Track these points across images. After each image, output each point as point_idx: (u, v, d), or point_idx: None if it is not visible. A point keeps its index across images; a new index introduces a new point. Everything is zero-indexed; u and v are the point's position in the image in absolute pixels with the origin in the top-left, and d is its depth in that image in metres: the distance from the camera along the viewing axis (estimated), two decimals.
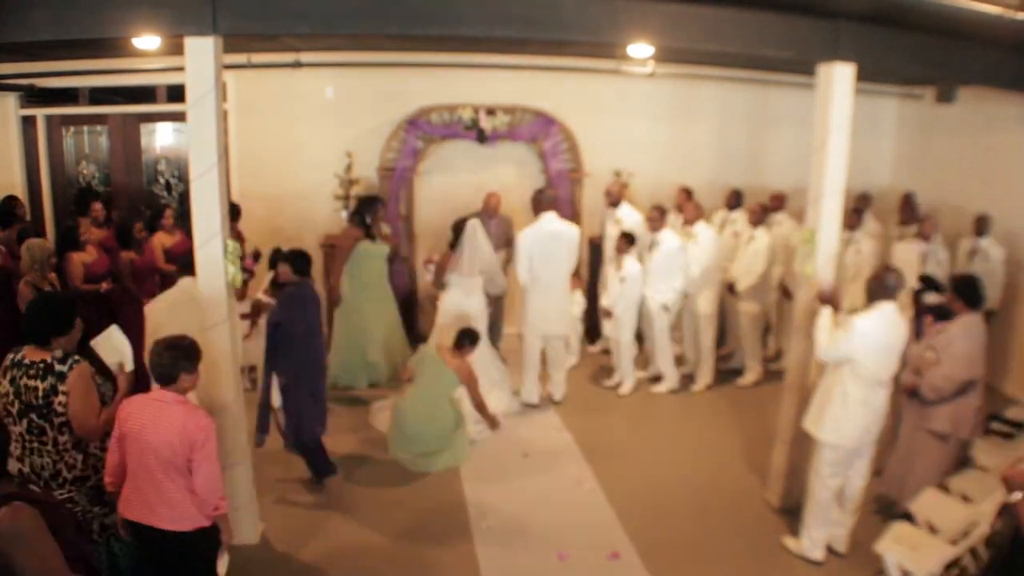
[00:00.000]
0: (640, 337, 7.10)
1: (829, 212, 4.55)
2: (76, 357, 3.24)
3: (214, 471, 3.12)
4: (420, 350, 5.87)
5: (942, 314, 4.79)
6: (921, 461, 4.56)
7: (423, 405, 5.48)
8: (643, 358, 7.27)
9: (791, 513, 4.79)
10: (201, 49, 3.76)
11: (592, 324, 7.85)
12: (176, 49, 4.00)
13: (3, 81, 7.16)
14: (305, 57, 7.40)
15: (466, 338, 5.64)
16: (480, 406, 5.65)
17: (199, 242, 3.91)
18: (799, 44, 4.36)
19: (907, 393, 4.60)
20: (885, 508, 4.78)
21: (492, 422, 5.73)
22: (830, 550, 4.43)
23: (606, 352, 7.64)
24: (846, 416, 4.11)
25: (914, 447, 4.62)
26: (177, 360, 3.11)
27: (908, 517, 4.23)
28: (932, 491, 4.31)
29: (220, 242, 3.90)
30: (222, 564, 3.53)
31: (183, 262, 4.75)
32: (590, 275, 7.93)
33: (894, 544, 3.89)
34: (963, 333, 4.40)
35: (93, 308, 5.42)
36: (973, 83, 5.16)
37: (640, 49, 6.15)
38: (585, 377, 7.26)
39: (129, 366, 3.44)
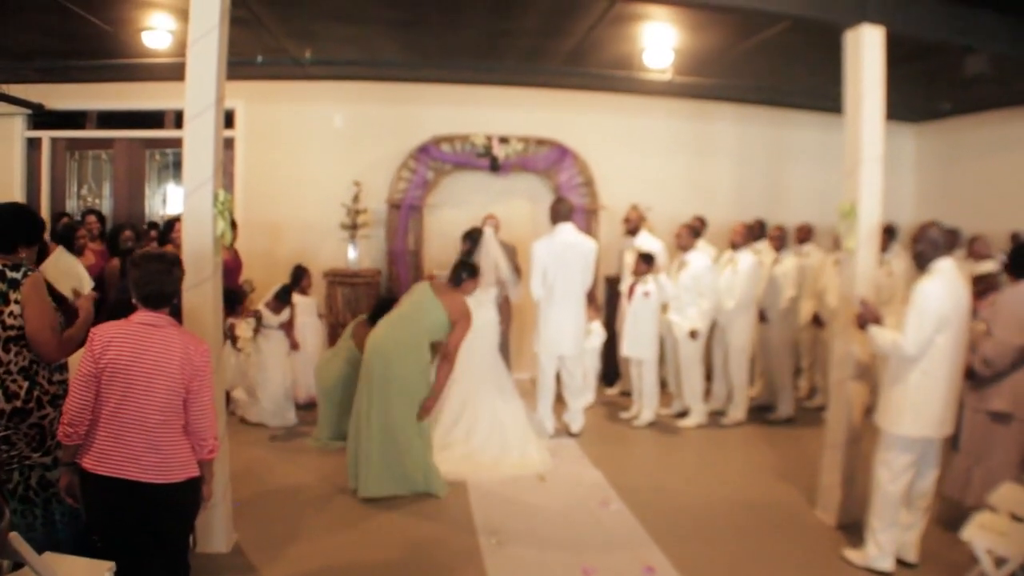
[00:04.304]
0: (663, 381, 6.63)
1: (869, 179, 4.21)
2: (31, 267, 2.86)
3: (212, 400, 2.68)
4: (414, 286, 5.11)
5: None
6: (986, 451, 4.00)
7: (400, 330, 4.66)
8: (667, 397, 6.74)
9: (846, 529, 4.26)
10: None
11: (609, 365, 7.36)
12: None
13: (11, 95, 7.09)
14: (315, 86, 7.37)
15: (464, 270, 4.87)
16: (450, 355, 4.66)
17: (187, 190, 3.60)
18: (824, 2, 4.19)
19: (963, 375, 4.06)
20: (949, 521, 4.14)
21: (438, 388, 4.68)
22: (899, 561, 3.80)
23: (624, 395, 7.14)
24: (928, 403, 3.60)
25: (976, 436, 4.08)
26: (172, 270, 2.67)
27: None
28: (1009, 485, 3.74)
29: (210, 191, 3.59)
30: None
31: None
32: (607, 313, 7.51)
33: (981, 531, 3.31)
34: (1012, 298, 3.98)
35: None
36: (998, 51, 4.91)
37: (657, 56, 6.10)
38: (602, 416, 6.69)
39: (87, 290, 3.04)
